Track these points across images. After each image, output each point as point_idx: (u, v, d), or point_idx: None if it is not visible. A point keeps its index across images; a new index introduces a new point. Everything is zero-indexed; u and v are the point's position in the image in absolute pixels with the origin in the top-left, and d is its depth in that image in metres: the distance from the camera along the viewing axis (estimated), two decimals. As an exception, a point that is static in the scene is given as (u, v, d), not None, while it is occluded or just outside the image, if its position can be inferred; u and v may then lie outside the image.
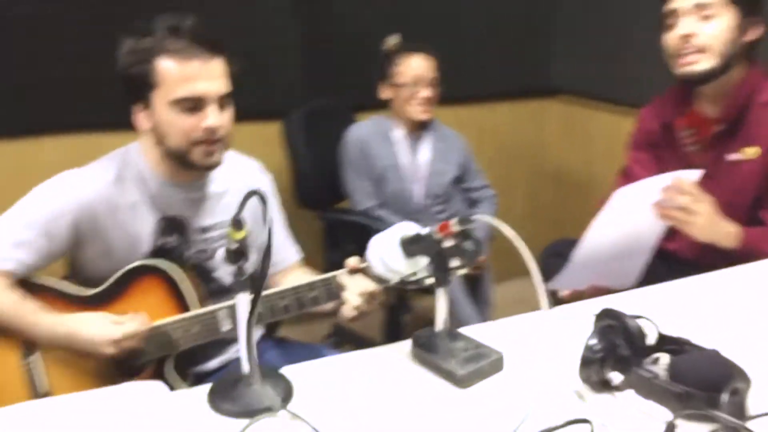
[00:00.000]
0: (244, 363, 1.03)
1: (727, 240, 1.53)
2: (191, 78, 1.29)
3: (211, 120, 1.31)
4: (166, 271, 1.39)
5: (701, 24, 1.61)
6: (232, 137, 1.40)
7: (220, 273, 1.51)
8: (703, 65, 1.62)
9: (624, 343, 1.03)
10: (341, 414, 0.98)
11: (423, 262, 1.11)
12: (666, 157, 1.81)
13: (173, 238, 1.44)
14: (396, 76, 2.30)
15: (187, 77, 1.29)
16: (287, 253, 1.65)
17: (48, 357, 1.35)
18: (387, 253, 1.10)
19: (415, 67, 2.28)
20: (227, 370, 1.52)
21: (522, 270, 0.99)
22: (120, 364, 1.35)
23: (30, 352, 1.34)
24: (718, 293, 1.41)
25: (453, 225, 1.04)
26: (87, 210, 1.36)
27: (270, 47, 2.62)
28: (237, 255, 1.00)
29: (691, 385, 0.94)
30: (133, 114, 1.38)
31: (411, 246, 1.09)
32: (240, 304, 1.01)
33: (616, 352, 1.02)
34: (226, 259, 1.01)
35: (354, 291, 1.29)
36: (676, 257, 1.78)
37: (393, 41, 2.35)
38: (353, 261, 1.27)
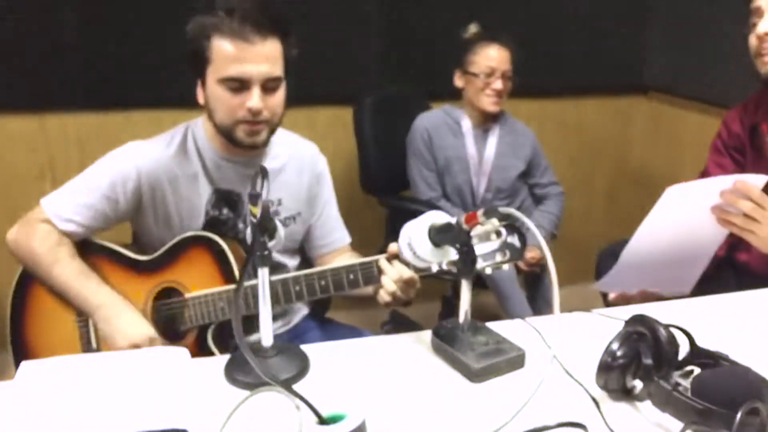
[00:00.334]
0: (263, 336, 1.06)
1: (797, 255, 1.42)
2: (239, 59, 1.33)
3: (254, 102, 1.34)
4: (217, 243, 1.44)
5: None
6: (280, 118, 1.44)
7: (268, 249, 1.55)
8: None
9: (649, 352, 0.98)
10: (346, 396, 0.99)
11: (452, 252, 1.10)
12: (750, 163, 1.70)
13: (226, 210, 1.50)
14: (471, 65, 2.26)
15: (236, 58, 1.33)
16: (338, 235, 1.67)
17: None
18: (415, 241, 1.09)
19: (490, 58, 2.24)
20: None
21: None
22: (164, 328, 1.42)
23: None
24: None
25: (480, 216, 1.03)
26: (148, 178, 1.43)
27: (353, 33, 2.64)
28: (259, 229, 1.02)
29: (713, 402, 0.88)
30: (197, 88, 1.44)
31: (438, 235, 1.08)
32: (261, 278, 1.03)
33: (639, 360, 0.98)
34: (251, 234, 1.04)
35: (392, 277, 1.30)
36: (747, 269, 1.68)
37: (473, 29, 2.31)
38: (393, 247, 1.28)
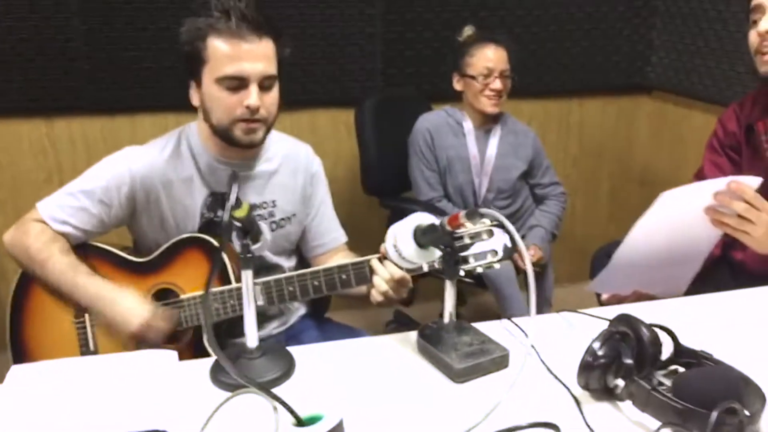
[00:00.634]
0: (248, 337, 1.07)
1: (791, 254, 1.41)
2: (236, 58, 1.35)
3: (252, 99, 1.36)
4: (212, 244, 1.46)
5: None
6: (275, 118, 1.45)
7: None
8: None
9: (630, 352, 0.98)
10: (328, 397, 0.99)
11: (436, 253, 1.11)
12: (746, 162, 1.69)
13: (221, 212, 1.51)
14: (468, 67, 2.27)
15: (233, 57, 1.35)
16: (334, 235, 1.68)
17: (97, 319, 1.45)
18: (400, 242, 1.10)
19: (487, 58, 2.24)
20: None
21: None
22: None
23: (81, 312, 1.45)
24: (765, 308, 1.33)
25: (462, 218, 1.03)
26: (142, 183, 1.45)
27: (354, 36, 2.65)
28: (242, 232, 1.03)
29: (692, 401, 0.88)
30: (190, 90, 1.46)
31: (423, 236, 1.09)
32: (245, 281, 1.04)
33: (621, 359, 0.98)
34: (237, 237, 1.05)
35: (383, 277, 1.31)
36: (743, 268, 1.67)
37: (468, 32, 2.32)
38: (384, 247, 1.29)
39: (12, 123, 2.47)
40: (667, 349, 1.05)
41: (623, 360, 0.98)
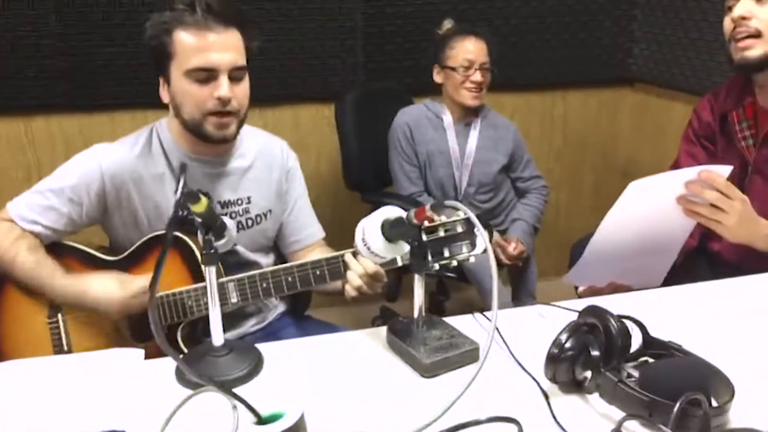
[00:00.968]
0: (213, 336, 1.06)
1: (765, 243, 1.40)
2: (204, 49, 1.34)
3: (223, 90, 1.35)
4: (185, 241, 1.44)
5: (758, 7, 1.48)
6: (246, 111, 1.44)
7: (237, 247, 1.55)
8: (757, 51, 1.49)
9: (597, 344, 0.97)
10: (294, 393, 0.98)
11: (405, 246, 1.10)
12: (720, 152, 1.69)
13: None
14: (448, 59, 2.26)
15: (200, 48, 1.33)
16: (310, 231, 1.67)
17: (70, 318, 1.44)
18: (368, 236, 1.10)
19: (467, 50, 2.23)
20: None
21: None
22: (133, 328, 1.43)
23: (55, 312, 1.44)
24: (737, 299, 1.33)
25: (428, 211, 1.02)
26: (112, 180, 1.44)
27: (334, 30, 2.64)
28: (204, 228, 1.02)
29: (659, 393, 0.88)
30: (159, 87, 1.44)
31: (391, 230, 1.08)
32: (208, 278, 1.03)
33: (588, 351, 0.97)
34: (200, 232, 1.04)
35: (357, 271, 1.30)
36: (720, 258, 1.67)
37: (447, 25, 2.31)
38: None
39: (-11, 121, 2.44)
40: (637, 341, 1.04)
41: (591, 352, 0.97)
